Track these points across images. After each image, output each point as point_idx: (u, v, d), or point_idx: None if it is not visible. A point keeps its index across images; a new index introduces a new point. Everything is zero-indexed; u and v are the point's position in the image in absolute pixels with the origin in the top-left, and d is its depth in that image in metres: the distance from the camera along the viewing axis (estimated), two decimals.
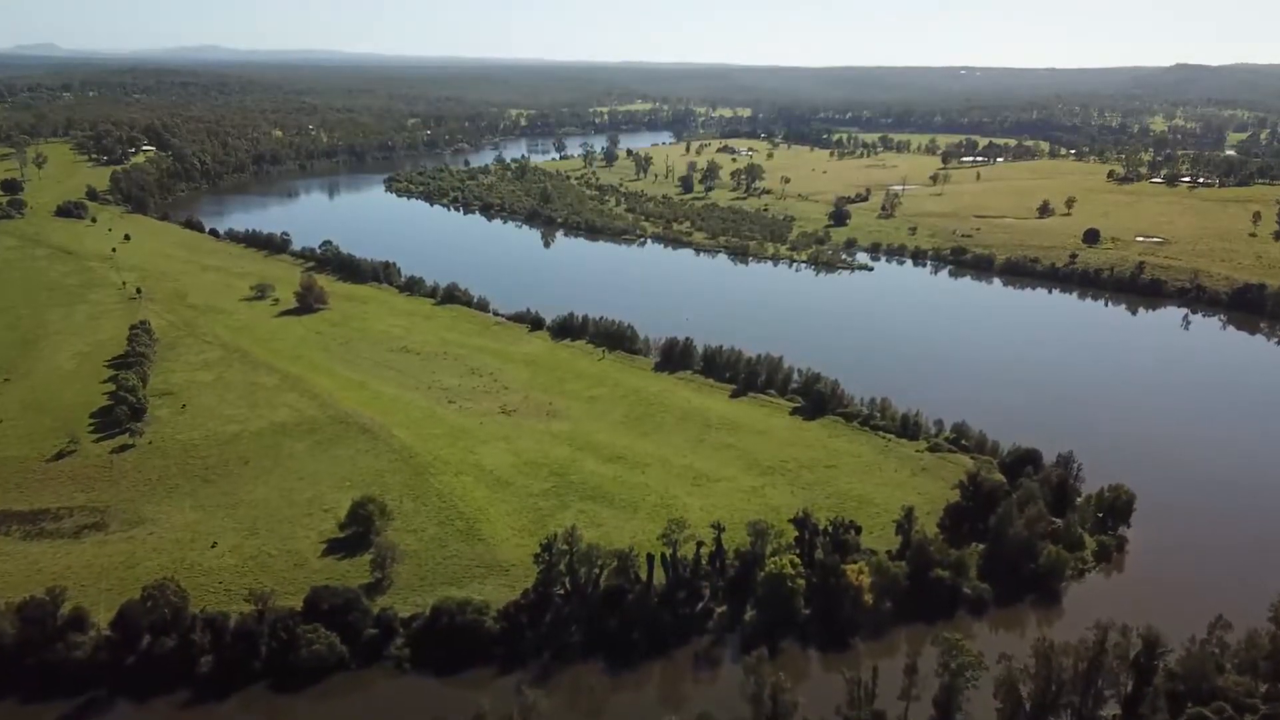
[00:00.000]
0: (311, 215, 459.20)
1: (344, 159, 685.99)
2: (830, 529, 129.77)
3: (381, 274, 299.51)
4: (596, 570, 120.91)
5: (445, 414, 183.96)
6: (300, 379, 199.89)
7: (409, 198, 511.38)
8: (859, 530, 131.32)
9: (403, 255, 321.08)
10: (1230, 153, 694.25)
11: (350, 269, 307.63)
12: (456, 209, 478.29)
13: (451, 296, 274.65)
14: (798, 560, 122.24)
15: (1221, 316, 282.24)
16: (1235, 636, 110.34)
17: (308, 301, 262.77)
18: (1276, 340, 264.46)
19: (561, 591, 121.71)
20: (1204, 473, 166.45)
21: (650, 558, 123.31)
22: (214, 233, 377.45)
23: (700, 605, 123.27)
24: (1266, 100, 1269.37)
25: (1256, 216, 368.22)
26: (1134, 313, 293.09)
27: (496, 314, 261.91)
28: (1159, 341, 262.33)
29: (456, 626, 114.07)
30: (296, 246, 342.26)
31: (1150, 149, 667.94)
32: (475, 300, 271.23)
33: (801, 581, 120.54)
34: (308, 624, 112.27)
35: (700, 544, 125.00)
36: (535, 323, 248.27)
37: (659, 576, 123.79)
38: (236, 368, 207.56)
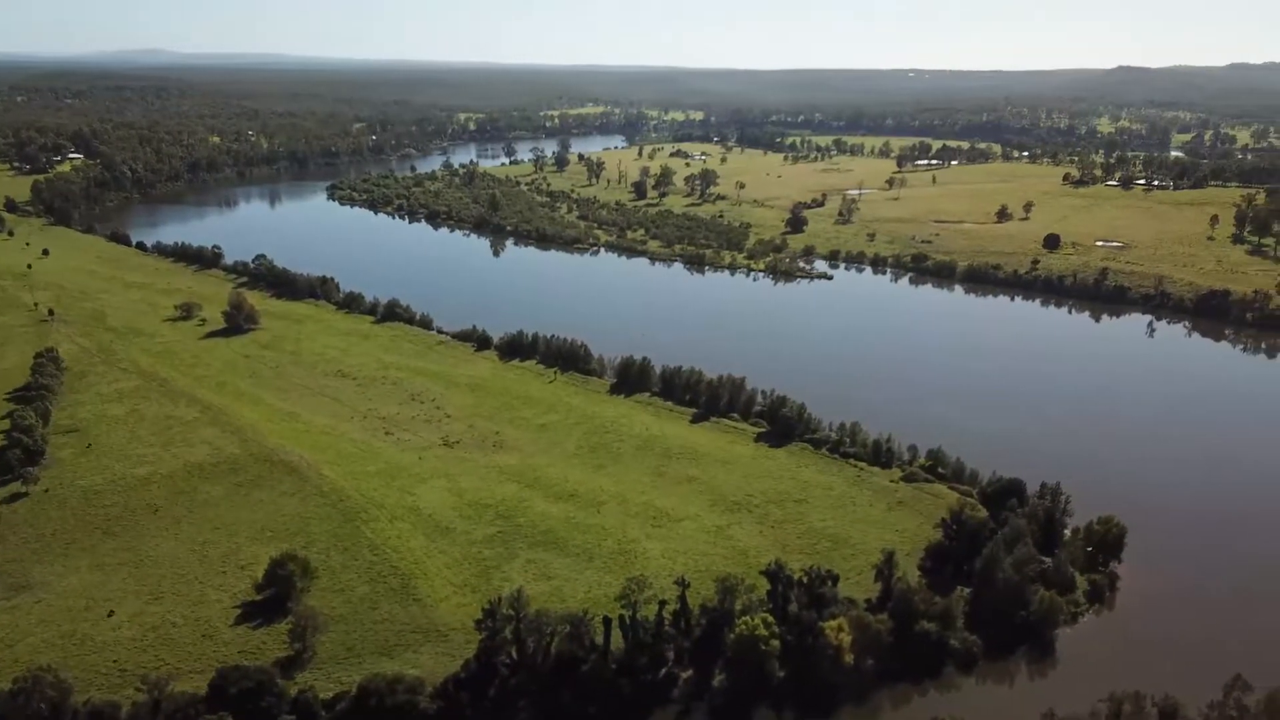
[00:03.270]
0: (248, 226, 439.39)
1: (285, 166, 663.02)
2: (805, 580, 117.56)
3: (319, 290, 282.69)
4: (546, 639, 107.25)
5: (381, 448, 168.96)
6: (223, 411, 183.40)
7: (352, 206, 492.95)
8: (835, 580, 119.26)
9: (343, 268, 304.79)
10: (1178, 154, 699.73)
11: (285, 285, 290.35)
12: (401, 217, 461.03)
13: (392, 314, 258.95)
14: (771, 619, 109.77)
15: (1186, 323, 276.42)
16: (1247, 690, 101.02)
17: (237, 321, 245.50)
18: (1242, 347, 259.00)
19: (507, 661, 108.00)
20: (1187, 493, 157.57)
21: (607, 621, 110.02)
22: (141, 246, 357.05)
23: (663, 671, 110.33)
24: (1205, 101, 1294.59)
25: (1214, 220, 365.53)
26: (1098, 320, 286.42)
27: (440, 332, 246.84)
28: (1126, 351, 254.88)
29: (386, 709, 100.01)
30: (230, 260, 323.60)
31: (1101, 151, 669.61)
32: (418, 318, 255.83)
33: (776, 643, 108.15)
34: (213, 712, 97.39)
35: (663, 603, 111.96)
36: (482, 341, 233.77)
37: (616, 640, 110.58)
38: (153, 399, 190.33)
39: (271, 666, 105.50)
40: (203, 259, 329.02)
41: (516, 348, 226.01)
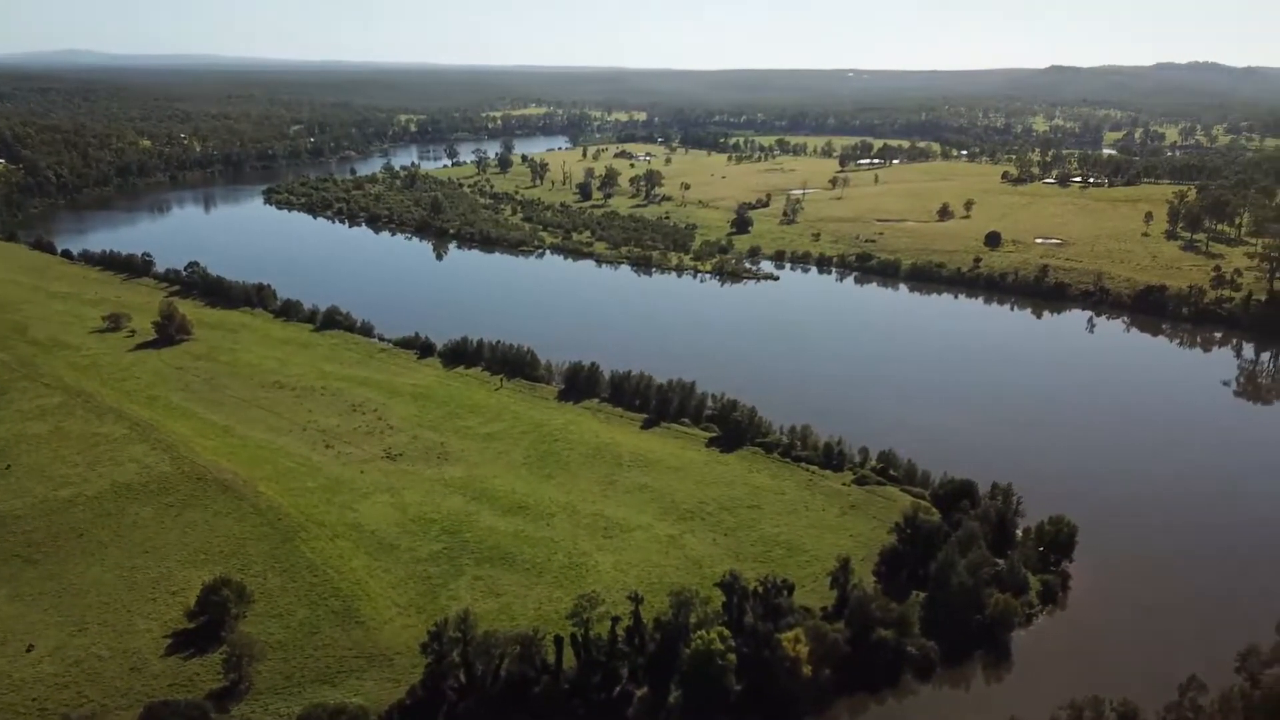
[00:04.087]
0: (181, 232, 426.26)
1: (220, 169, 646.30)
2: (760, 590, 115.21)
3: (255, 298, 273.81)
4: (496, 662, 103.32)
5: (321, 462, 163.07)
6: (153, 426, 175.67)
7: (290, 210, 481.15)
8: (791, 589, 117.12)
9: (281, 275, 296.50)
10: (1111, 151, 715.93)
11: (219, 293, 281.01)
12: (341, 221, 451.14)
13: (332, 321, 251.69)
14: (727, 632, 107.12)
15: (1125, 319, 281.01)
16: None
17: (168, 332, 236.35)
18: (1179, 342, 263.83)
19: (455, 686, 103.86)
20: (1133, 489, 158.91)
21: (559, 640, 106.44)
22: (67, 254, 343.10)
23: (618, 689, 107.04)
24: (1135, 100, 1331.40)
25: (1148, 216, 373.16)
26: (1039, 317, 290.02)
27: (382, 339, 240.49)
28: (1068, 347, 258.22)
29: None
30: (161, 268, 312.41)
31: (1037, 149, 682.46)
32: (358, 324, 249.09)
33: (733, 657, 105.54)
34: None
35: (615, 620, 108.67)
36: (425, 349, 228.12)
37: (569, 659, 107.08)
38: (78, 416, 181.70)
39: (204, 700, 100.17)
40: (132, 267, 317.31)
41: (461, 354, 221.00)
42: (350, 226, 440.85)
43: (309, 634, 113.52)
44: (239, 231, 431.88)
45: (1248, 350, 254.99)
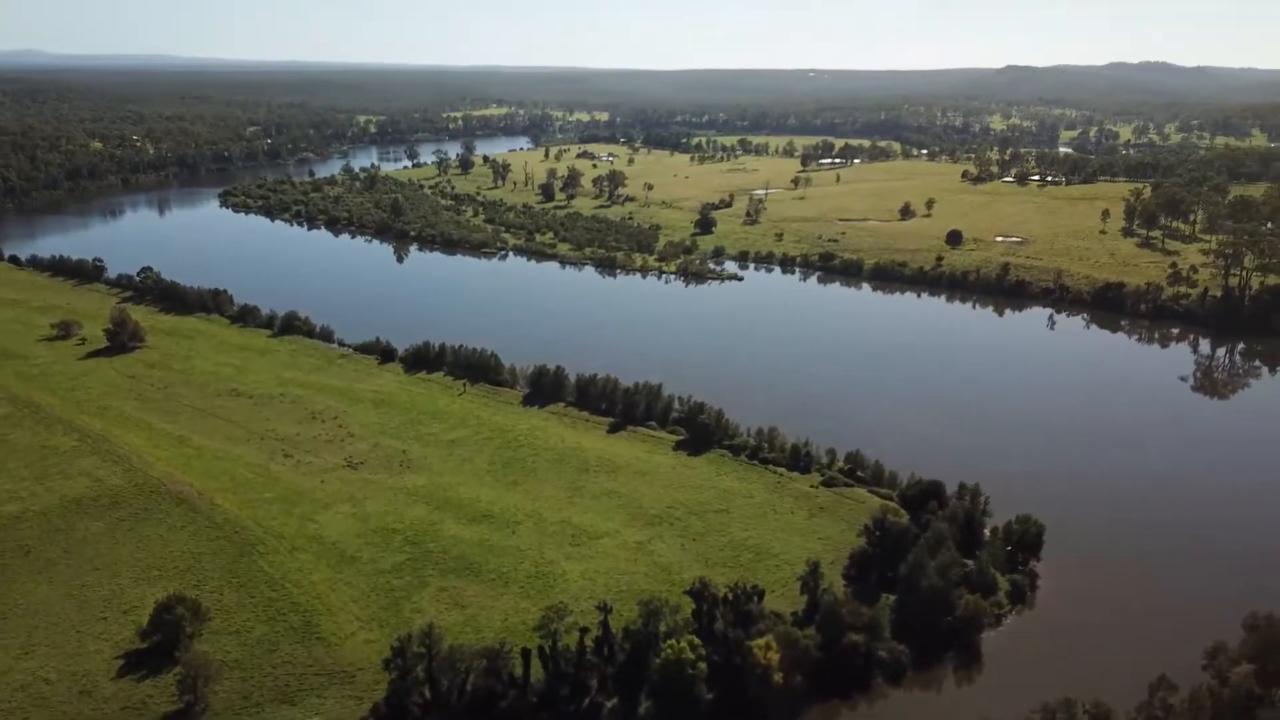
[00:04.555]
0: (134, 236, 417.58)
1: (174, 172, 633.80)
2: (731, 597, 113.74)
3: (210, 303, 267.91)
4: (462, 676, 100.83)
5: (280, 472, 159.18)
6: (105, 438, 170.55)
7: (247, 213, 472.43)
8: (761, 595, 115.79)
9: (237, 280, 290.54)
10: (1067, 150, 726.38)
11: (174, 299, 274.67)
12: (300, 224, 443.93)
13: (290, 327, 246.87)
14: (697, 641, 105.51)
15: (1084, 316, 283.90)
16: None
17: (121, 339, 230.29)
18: (1138, 338, 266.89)
19: (420, 702, 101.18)
20: (1096, 486, 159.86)
21: (526, 652, 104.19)
22: (14, 260, 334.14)
23: (587, 701, 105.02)
24: (1089, 99, 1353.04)
25: (1105, 214, 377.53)
26: (1001, 314, 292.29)
27: (342, 344, 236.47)
28: (1030, 345, 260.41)
29: None
30: (113, 274, 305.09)
31: (995, 148, 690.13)
32: (318, 330, 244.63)
33: (703, 666, 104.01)
34: None
35: (584, 630, 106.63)
36: (386, 354, 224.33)
37: (537, 671, 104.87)
38: (26, 427, 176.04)
39: None
40: (83, 273, 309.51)
41: (423, 359, 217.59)
42: (309, 229, 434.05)
43: (267, 651, 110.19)
44: (194, 235, 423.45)
45: (1204, 346, 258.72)
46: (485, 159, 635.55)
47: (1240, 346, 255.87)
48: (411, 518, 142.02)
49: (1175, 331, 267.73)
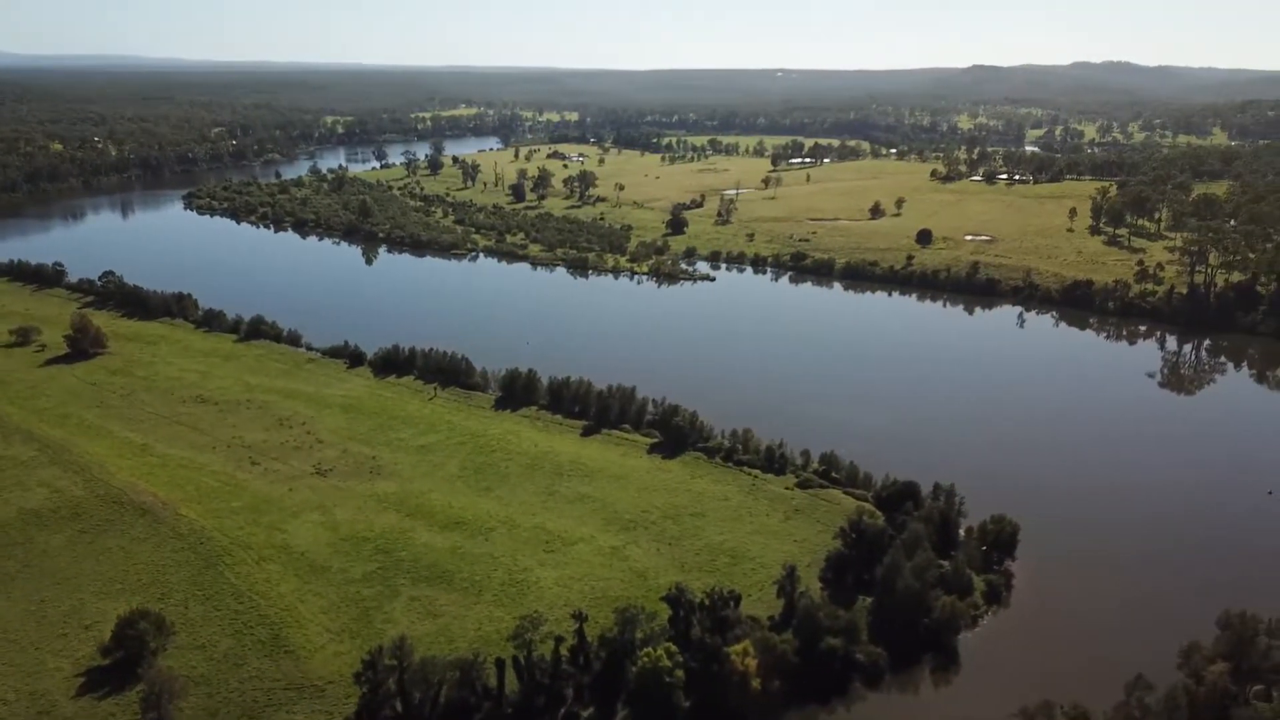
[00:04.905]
0: (96, 240, 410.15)
1: (137, 174, 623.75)
2: (707, 602, 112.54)
3: (175, 308, 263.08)
4: (435, 689, 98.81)
5: (247, 480, 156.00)
6: (65, 447, 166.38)
7: (212, 215, 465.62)
8: (738, 600, 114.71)
9: (202, 284, 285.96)
10: (1033, 149, 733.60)
11: (137, 304, 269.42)
12: (267, 226, 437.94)
13: (257, 331, 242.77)
14: (674, 648, 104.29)
15: (1054, 314, 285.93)
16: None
17: (82, 346, 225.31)
18: (1106, 335, 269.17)
19: (391, 716, 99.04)
20: (1069, 483, 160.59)
21: (500, 663, 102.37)
22: None
23: (562, 711, 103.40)
24: (1053, 98, 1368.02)
25: (1073, 213, 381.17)
26: (971, 313, 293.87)
27: (310, 349, 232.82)
28: (1000, 343, 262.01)
29: None
30: (74, 278, 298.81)
31: (963, 147, 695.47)
32: (285, 334, 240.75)
33: (681, 673, 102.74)
34: None
35: (559, 640, 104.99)
36: (355, 358, 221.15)
37: (511, 682, 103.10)
38: None
39: None
40: (42, 277, 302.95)
41: (392, 363, 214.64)
42: (276, 231, 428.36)
43: (234, 666, 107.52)
44: (158, 238, 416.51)
45: (1171, 343, 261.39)
46: (455, 160, 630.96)
47: (1206, 343, 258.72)
48: (382, 525, 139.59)
49: (1143, 329, 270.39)
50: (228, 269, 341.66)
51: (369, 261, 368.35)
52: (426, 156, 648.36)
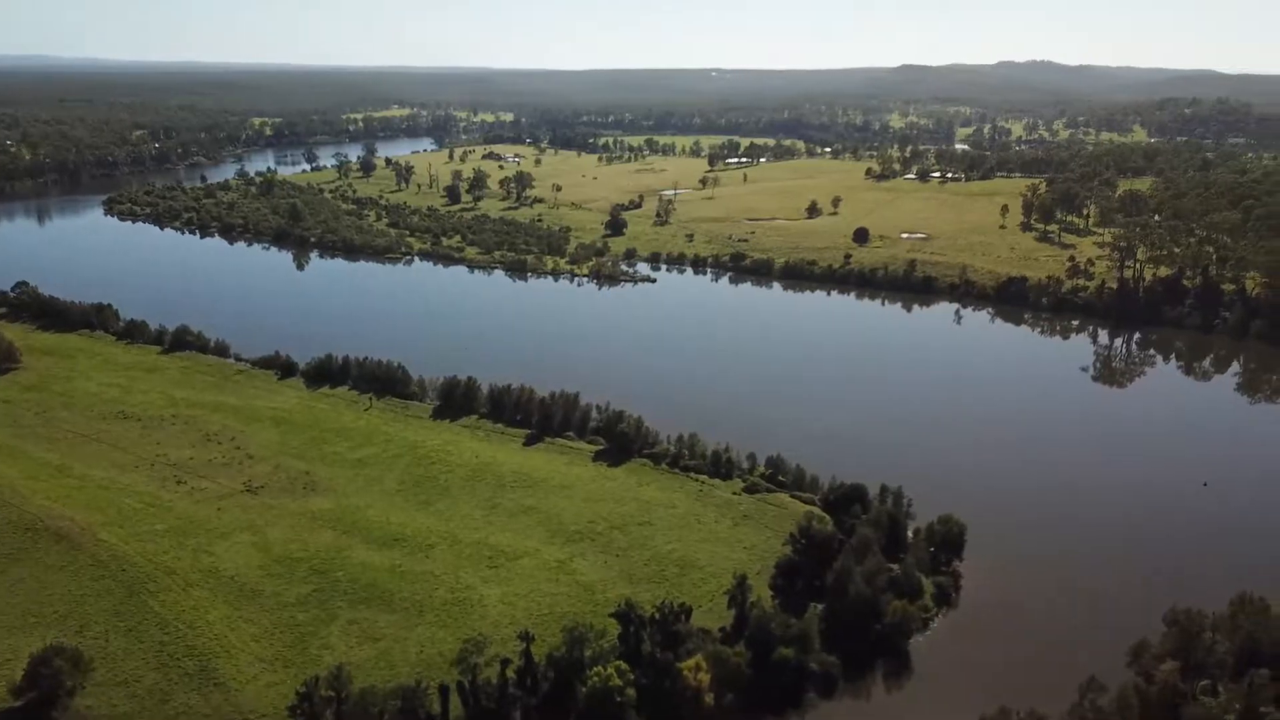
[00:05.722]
0: (9, 248, 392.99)
1: (54, 179, 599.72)
2: (658, 616, 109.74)
3: (94, 319, 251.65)
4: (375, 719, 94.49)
5: (172, 500, 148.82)
6: None
7: (135, 221, 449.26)
8: (689, 614, 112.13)
9: (124, 293, 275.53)
10: (964, 147, 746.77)
11: (53, 315, 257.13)
12: (192, 232, 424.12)
13: (182, 342, 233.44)
14: (625, 666, 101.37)
15: (989, 310, 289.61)
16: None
17: None
18: (1040, 330, 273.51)
19: None
20: (1011, 482, 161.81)
21: (444, 689, 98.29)
22: None
23: None
24: (982, 97, 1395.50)
25: (1004, 210, 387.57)
26: (909, 310, 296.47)
27: (239, 360, 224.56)
28: (937, 341, 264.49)
29: None
30: None
31: (896, 145, 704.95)
32: (212, 344, 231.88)
33: (632, 692, 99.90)
34: None
35: (505, 662, 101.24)
36: (286, 368, 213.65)
37: (456, 708, 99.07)
38: None
39: None
40: None
41: (325, 373, 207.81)
42: (202, 237, 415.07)
43: (160, 702, 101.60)
44: (76, 246, 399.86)
45: (1103, 337, 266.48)
46: (388, 161, 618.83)
47: (1136, 337, 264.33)
48: (317, 545, 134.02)
49: (1075, 323, 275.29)
50: (151, 277, 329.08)
51: (300, 267, 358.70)
52: (359, 158, 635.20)
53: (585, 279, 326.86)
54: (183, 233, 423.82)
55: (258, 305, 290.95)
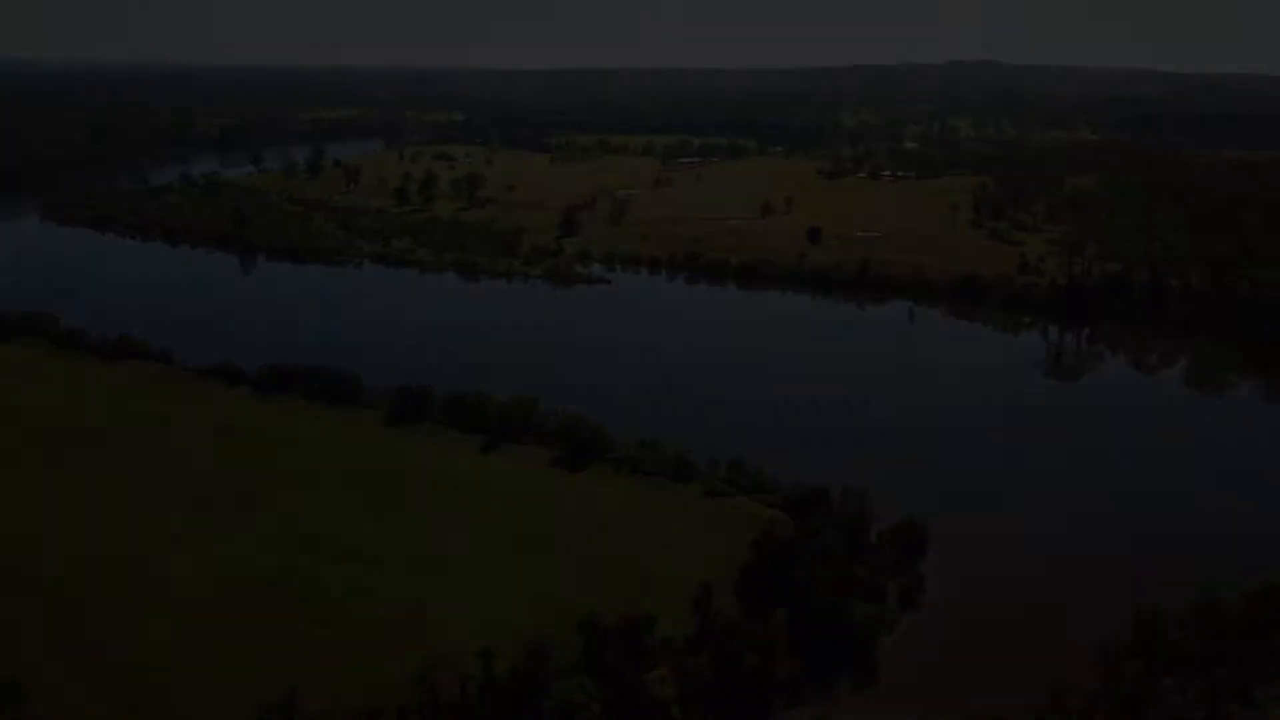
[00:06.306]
0: None
1: None
2: (621, 628, 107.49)
3: (30, 329, 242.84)
4: None
5: (113, 518, 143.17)
6: None
7: (72, 226, 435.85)
8: (653, 624, 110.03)
9: (61, 301, 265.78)
10: (913, 145, 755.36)
11: None
12: (133, 236, 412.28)
13: (124, 350, 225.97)
14: (588, 681, 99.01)
15: (943, 308, 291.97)
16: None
17: None
18: (994, 327, 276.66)
19: None
20: (969, 481, 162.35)
21: (402, 710, 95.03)
22: None
23: None
24: (930, 95, 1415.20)
25: (955, 207, 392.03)
26: (864, 309, 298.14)
27: (184, 368, 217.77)
28: (894, 339, 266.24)
29: None
30: None
31: (848, 144, 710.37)
32: (156, 353, 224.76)
33: (596, 707, 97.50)
34: None
35: (465, 680, 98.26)
36: (233, 377, 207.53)
37: None
38: None
39: None
40: None
41: (275, 382, 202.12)
42: (143, 242, 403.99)
43: None
44: (10, 252, 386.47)
45: (1054, 334, 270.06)
46: (336, 163, 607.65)
47: (1087, 333, 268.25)
48: (267, 563, 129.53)
49: (1027, 320, 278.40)
50: (90, 284, 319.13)
51: (247, 273, 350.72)
52: (306, 160, 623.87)
53: (539, 280, 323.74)
54: (123, 237, 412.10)
55: (203, 313, 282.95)
